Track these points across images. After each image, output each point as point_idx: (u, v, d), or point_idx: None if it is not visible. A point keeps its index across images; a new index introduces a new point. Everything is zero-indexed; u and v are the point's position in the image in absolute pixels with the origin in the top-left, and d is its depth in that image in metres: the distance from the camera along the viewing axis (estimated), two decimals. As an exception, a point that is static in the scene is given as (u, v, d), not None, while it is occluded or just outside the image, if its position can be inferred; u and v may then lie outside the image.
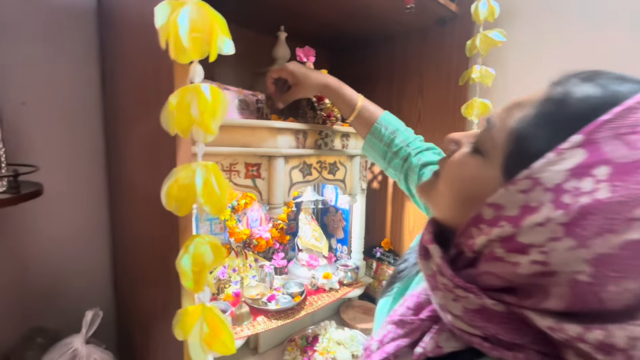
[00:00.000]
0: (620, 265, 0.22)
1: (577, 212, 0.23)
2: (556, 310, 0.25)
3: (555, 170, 0.24)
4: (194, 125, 0.38)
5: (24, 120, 0.79)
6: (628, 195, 0.22)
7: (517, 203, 0.26)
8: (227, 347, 0.41)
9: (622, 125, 0.23)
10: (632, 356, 0.22)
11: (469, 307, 0.28)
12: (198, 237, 0.40)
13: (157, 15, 0.36)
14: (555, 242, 0.24)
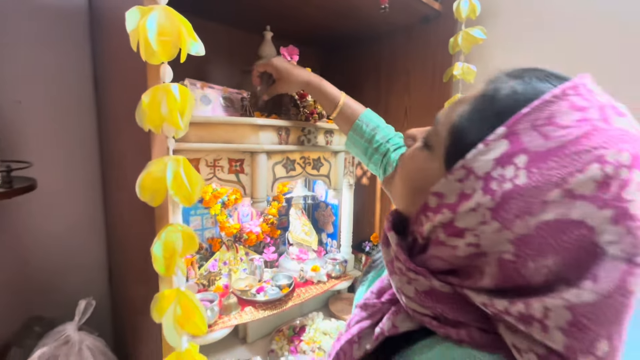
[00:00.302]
0: (538, 244, 0.25)
1: (501, 197, 0.25)
2: (489, 287, 0.27)
3: (484, 159, 0.26)
4: (164, 121, 0.41)
5: (19, 118, 0.83)
6: (542, 181, 0.24)
7: (455, 191, 0.28)
8: (199, 328, 0.45)
9: (539, 117, 0.26)
10: (547, 325, 0.24)
11: (420, 289, 0.31)
12: (171, 225, 0.43)
13: (128, 20, 0.38)
14: (484, 226, 0.26)
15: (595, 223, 0.23)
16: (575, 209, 0.24)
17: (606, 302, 0.23)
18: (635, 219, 0.23)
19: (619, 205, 0.23)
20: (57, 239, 0.91)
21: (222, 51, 1.11)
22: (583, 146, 0.24)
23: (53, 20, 0.86)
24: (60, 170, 0.90)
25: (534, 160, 0.25)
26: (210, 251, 1.11)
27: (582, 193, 0.23)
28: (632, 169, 0.23)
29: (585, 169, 0.24)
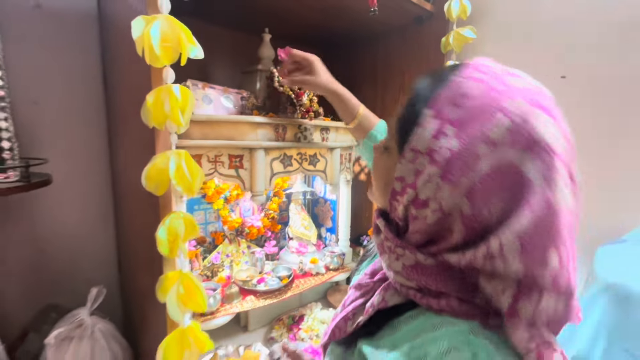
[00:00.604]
0: (485, 192, 0.29)
1: (444, 164, 0.30)
2: (459, 243, 0.31)
3: (423, 138, 0.32)
4: (167, 119, 0.46)
5: (35, 118, 0.89)
6: (470, 141, 0.29)
7: (411, 171, 0.33)
8: (200, 305, 0.49)
9: (453, 94, 0.31)
10: (506, 257, 0.28)
11: (407, 263, 0.35)
12: (174, 213, 0.48)
13: (133, 28, 0.43)
14: (440, 191, 0.31)
15: (517, 160, 0.28)
16: (500, 153, 0.29)
17: (542, 220, 0.28)
18: (544, 147, 0.28)
19: (529, 139, 0.28)
20: (70, 231, 0.97)
21: (223, 53, 1.16)
22: (489, 106, 0.30)
23: (66, 26, 0.92)
24: (73, 166, 0.96)
25: (459, 127, 0.30)
26: (213, 244, 1.16)
27: (500, 140, 0.29)
28: (531, 111, 0.29)
29: (496, 122, 0.29)
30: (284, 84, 0.82)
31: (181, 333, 0.50)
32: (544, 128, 0.29)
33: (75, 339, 0.73)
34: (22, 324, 0.91)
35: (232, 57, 1.18)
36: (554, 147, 0.28)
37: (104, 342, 0.76)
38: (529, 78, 0.33)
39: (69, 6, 0.92)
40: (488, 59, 0.34)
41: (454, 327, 0.30)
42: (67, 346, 0.72)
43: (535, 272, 0.28)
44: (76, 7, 0.93)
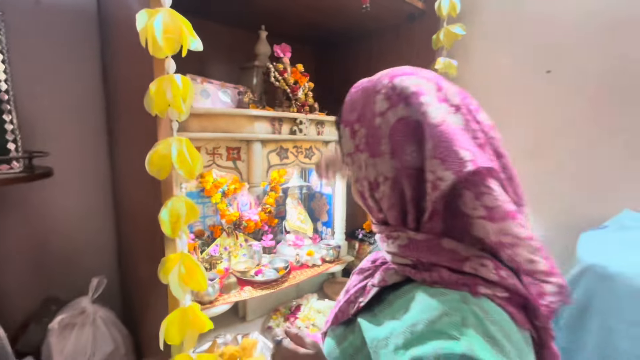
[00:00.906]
0: (398, 144, 0.37)
1: (365, 147, 0.39)
2: (414, 195, 0.37)
3: (347, 142, 0.42)
4: (169, 107, 0.48)
5: (36, 112, 0.91)
6: (369, 123, 0.38)
7: (356, 169, 0.41)
8: (200, 284, 0.52)
9: (348, 105, 0.42)
10: (435, 171, 0.33)
11: (401, 243, 0.38)
12: (175, 196, 0.51)
13: (138, 20, 0.46)
14: (377, 166, 0.38)
15: (403, 112, 0.36)
16: (390, 115, 0.37)
17: (440, 134, 0.33)
18: (411, 95, 0.36)
19: (402, 97, 0.36)
20: (70, 223, 0.99)
21: (221, 49, 1.18)
22: (367, 96, 0.39)
23: (65, 21, 0.94)
24: (72, 159, 0.97)
25: (360, 121, 0.40)
26: (211, 237, 1.18)
27: (385, 108, 0.37)
28: (392, 80, 0.38)
29: (376, 100, 0.38)
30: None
31: (182, 312, 0.52)
32: (406, 83, 0.37)
33: (77, 326, 0.75)
34: (23, 315, 0.93)
35: (229, 53, 1.20)
36: (417, 91, 0.36)
37: (105, 329, 0.78)
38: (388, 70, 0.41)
39: (68, 2, 0.94)
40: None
41: (445, 297, 0.33)
42: (70, 332, 0.74)
43: (452, 164, 0.33)
44: (75, 3, 0.95)
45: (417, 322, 0.32)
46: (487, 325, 0.30)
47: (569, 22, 0.89)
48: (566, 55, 0.90)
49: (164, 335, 0.50)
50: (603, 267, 0.59)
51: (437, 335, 0.30)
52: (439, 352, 0.29)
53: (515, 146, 1.00)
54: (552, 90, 0.92)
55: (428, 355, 0.29)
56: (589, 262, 0.62)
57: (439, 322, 0.31)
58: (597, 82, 0.86)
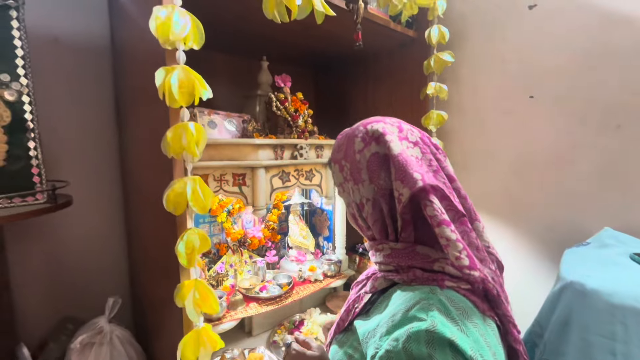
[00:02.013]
0: (374, 173, 0.47)
1: (350, 177, 0.50)
2: (387, 211, 0.47)
3: (337, 175, 0.53)
4: (184, 151, 0.54)
5: (53, 144, 0.97)
6: (351, 159, 0.50)
7: (345, 195, 0.53)
8: (213, 308, 0.57)
9: (336, 147, 0.54)
10: (399, 190, 0.44)
11: (385, 253, 0.48)
12: (190, 229, 0.56)
13: (157, 77, 0.52)
14: (360, 191, 0.49)
15: (374, 148, 0.47)
16: (366, 151, 0.48)
17: (398, 161, 0.44)
18: (380, 136, 0.47)
19: (373, 136, 0.48)
20: (86, 247, 1.05)
21: (225, 77, 1.25)
22: (349, 139, 0.51)
23: (81, 58, 1.01)
24: (88, 187, 1.04)
25: (344, 157, 0.51)
26: (217, 255, 1.24)
27: (361, 147, 0.48)
28: (365, 126, 0.50)
29: (355, 141, 0.50)
30: None
31: (197, 333, 0.58)
32: (375, 127, 0.48)
33: (95, 345, 0.80)
34: (41, 334, 0.98)
35: (232, 80, 1.27)
36: (383, 132, 0.47)
37: (121, 348, 0.84)
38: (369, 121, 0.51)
39: (84, 39, 1.02)
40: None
41: (419, 290, 0.42)
42: (89, 351, 0.79)
43: (404, 182, 0.43)
44: (90, 41, 1.03)
45: (396, 312, 0.40)
46: (450, 309, 0.38)
47: (549, 51, 0.96)
48: (547, 82, 0.96)
49: (180, 355, 0.56)
50: (581, 285, 0.64)
51: (410, 319, 0.38)
52: (410, 331, 0.37)
53: (501, 163, 1.06)
54: (535, 112, 0.98)
55: (402, 334, 0.37)
56: (569, 279, 0.66)
57: (412, 309, 0.39)
58: (576, 106, 0.92)
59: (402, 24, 1.09)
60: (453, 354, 0.35)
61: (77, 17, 1.00)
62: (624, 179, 0.86)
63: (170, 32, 0.51)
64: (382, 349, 0.39)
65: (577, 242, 0.85)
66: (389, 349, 0.38)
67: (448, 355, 0.35)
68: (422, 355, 0.35)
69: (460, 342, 0.35)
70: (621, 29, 0.84)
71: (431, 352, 0.35)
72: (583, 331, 0.62)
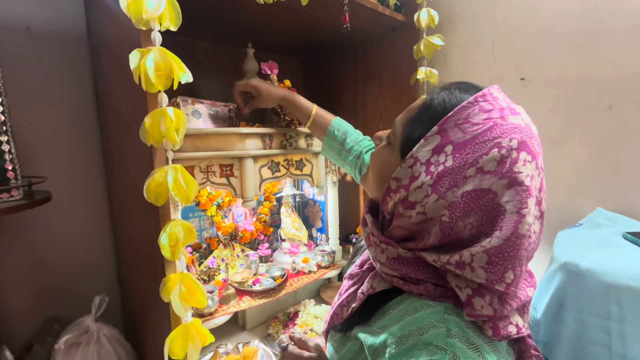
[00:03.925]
0: (463, 208, 0.35)
1: (436, 176, 0.36)
2: (435, 245, 0.38)
3: (425, 150, 0.37)
4: (163, 138, 0.51)
5: (31, 138, 0.93)
6: (462, 162, 0.35)
7: (407, 175, 0.38)
8: (201, 302, 0.55)
9: (459, 118, 0.36)
10: (473, 267, 0.34)
11: (390, 256, 0.40)
12: (173, 220, 0.54)
13: (131, 60, 0.49)
14: (427, 198, 0.36)
15: (497, 189, 0.34)
16: (484, 180, 0.34)
17: (507, 243, 0.33)
18: (521, 184, 0.34)
19: (511, 176, 0.34)
20: (70, 245, 1.01)
21: (210, 66, 1.21)
22: (487, 137, 0.35)
23: (56, 47, 0.96)
24: (69, 183, 1.00)
25: (456, 148, 0.35)
26: (208, 249, 1.21)
27: (488, 169, 0.34)
28: (519, 151, 0.34)
29: (489, 153, 0.34)
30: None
31: (185, 328, 0.56)
32: (524, 169, 0.34)
33: (82, 345, 0.78)
34: (26, 336, 0.95)
35: (217, 70, 1.23)
36: (529, 186, 0.34)
37: (109, 347, 0.81)
38: (525, 114, 0.38)
39: (58, 28, 0.97)
40: (498, 89, 0.39)
41: (431, 309, 0.37)
42: (75, 352, 0.76)
43: (493, 283, 0.34)
44: (65, 29, 0.98)
45: (407, 333, 0.36)
46: (468, 333, 0.34)
47: (539, 33, 0.94)
48: (538, 63, 0.95)
49: (168, 352, 0.54)
50: (575, 265, 0.63)
51: (426, 346, 0.34)
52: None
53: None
54: (525, 95, 0.97)
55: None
56: (562, 260, 0.66)
57: (427, 333, 0.35)
58: (567, 87, 0.91)
59: (391, 7, 1.06)
60: None
61: (50, 4, 0.95)
62: (616, 158, 0.85)
63: (143, 9, 0.47)
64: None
65: (569, 224, 0.85)
66: None
67: None
68: None
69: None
70: (612, 9, 0.83)
71: None
72: (577, 311, 0.62)
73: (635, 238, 0.67)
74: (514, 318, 0.37)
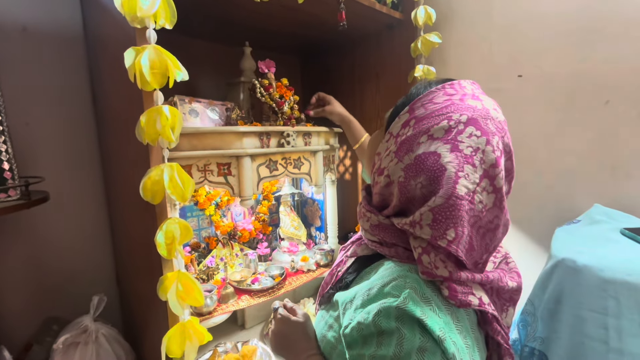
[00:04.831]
0: (414, 169, 0.40)
1: (400, 143, 0.42)
2: (398, 208, 0.44)
3: (397, 126, 0.44)
4: (159, 136, 0.51)
5: (28, 138, 0.93)
6: (419, 131, 0.41)
7: (383, 148, 0.45)
8: (198, 300, 0.55)
9: (425, 99, 0.43)
10: (422, 225, 0.39)
11: (372, 223, 0.47)
12: (169, 219, 0.54)
13: (126, 58, 0.49)
14: (391, 162, 0.43)
15: (442, 152, 0.39)
16: (432, 145, 0.40)
17: (448, 202, 0.38)
18: (461, 151, 0.39)
19: (454, 143, 0.39)
20: (68, 245, 1.01)
21: (207, 65, 1.21)
22: (442, 112, 0.41)
23: (52, 47, 0.96)
24: (67, 182, 1.00)
25: (417, 121, 0.42)
26: (207, 249, 1.21)
27: (437, 136, 0.40)
28: (467, 125, 0.39)
29: (439, 123, 0.40)
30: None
31: (182, 326, 0.56)
32: (468, 140, 0.39)
33: (80, 344, 0.78)
34: (25, 336, 0.95)
35: (215, 69, 1.23)
36: (468, 155, 0.39)
37: (108, 346, 0.81)
38: (487, 101, 0.42)
39: (54, 28, 0.96)
40: (471, 83, 0.45)
41: (398, 268, 0.42)
42: (74, 351, 0.76)
43: (437, 239, 0.38)
44: (61, 29, 0.97)
45: (373, 286, 0.41)
46: (425, 289, 0.38)
47: (536, 30, 0.94)
48: (535, 60, 0.95)
49: (165, 350, 0.54)
50: (572, 261, 0.63)
51: (384, 295, 0.39)
52: (381, 306, 0.38)
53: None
54: (522, 92, 0.97)
55: (374, 308, 0.38)
56: (560, 257, 0.66)
57: (388, 286, 0.40)
58: (564, 83, 0.91)
59: (388, 5, 1.06)
60: (421, 332, 0.36)
61: (46, 4, 0.95)
62: (613, 154, 0.85)
63: (138, 7, 0.47)
64: (354, 320, 0.40)
65: (567, 220, 0.85)
66: (361, 321, 0.39)
67: (416, 332, 0.36)
68: (390, 328, 0.36)
69: (430, 322, 0.36)
70: (608, 5, 0.83)
71: (400, 326, 0.36)
72: (575, 307, 0.62)
73: (632, 234, 0.67)
74: (477, 292, 0.40)
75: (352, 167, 1.41)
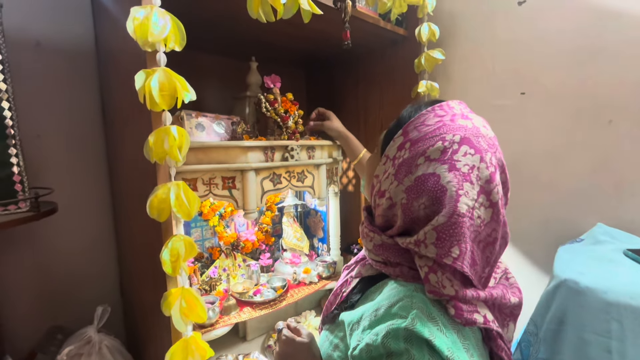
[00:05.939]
0: (416, 190, 0.41)
1: (398, 166, 0.44)
2: (402, 228, 0.44)
3: (392, 148, 0.45)
4: (167, 155, 0.53)
5: (39, 150, 0.95)
6: (415, 153, 0.42)
7: (382, 170, 0.47)
8: (201, 317, 0.56)
9: (417, 122, 0.44)
10: (427, 244, 0.40)
11: (376, 243, 0.47)
12: (175, 236, 0.55)
13: (136, 80, 0.51)
14: (392, 185, 0.44)
15: (440, 172, 0.40)
16: (430, 166, 0.41)
17: (451, 221, 0.39)
18: (459, 170, 0.40)
19: (451, 162, 0.40)
20: (74, 255, 1.03)
21: (214, 79, 1.23)
22: (435, 133, 0.42)
23: (65, 61, 0.99)
24: (74, 195, 1.01)
25: (412, 144, 0.43)
26: (210, 259, 1.22)
27: (433, 157, 0.41)
28: (461, 144, 0.41)
29: (434, 144, 0.41)
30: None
31: (185, 342, 0.56)
32: (464, 159, 0.40)
33: (84, 356, 0.78)
34: (30, 345, 0.96)
35: (222, 82, 1.25)
36: (466, 173, 0.40)
37: (111, 357, 0.82)
38: (477, 119, 0.45)
39: (67, 43, 0.99)
40: (458, 102, 0.47)
41: (404, 287, 0.42)
42: (77, 363, 0.77)
43: (442, 257, 0.39)
44: (73, 44, 1.00)
45: (380, 307, 0.41)
46: (431, 309, 0.39)
47: (539, 47, 0.95)
48: (538, 78, 0.96)
49: (168, 366, 0.54)
50: (575, 282, 0.63)
51: (392, 316, 0.39)
52: (390, 327, 0.38)
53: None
54: (526, 109, 0.98)
55: (382, 329, 0.38)
56: (562, 277, 0.66)
57: (395, 306, 0.40)
58: (567, 102, 0.92)
59: (392, 22, 1.08)
60: (430, 352, 0.36)
61: (59, 20, 0.98)
62: (617, 174, 0.85)
63: (149, 33, 0.49)
64: (362, 341, 0.40)
65: (570, 239, 0.85)
66: (369, 342, 0.39)
67: (425, 352, 0.36)
68: (399, 349, 0.37)
69: (438, 342, 0.36)
70: (611, 24, 0.84)
71: (408, 347, 0.36)
72: (578, 329, 0.61)
73: (636, 255, 0.67)
74: (482, 309, 0.41)
75: (354, 179, 1.42)
